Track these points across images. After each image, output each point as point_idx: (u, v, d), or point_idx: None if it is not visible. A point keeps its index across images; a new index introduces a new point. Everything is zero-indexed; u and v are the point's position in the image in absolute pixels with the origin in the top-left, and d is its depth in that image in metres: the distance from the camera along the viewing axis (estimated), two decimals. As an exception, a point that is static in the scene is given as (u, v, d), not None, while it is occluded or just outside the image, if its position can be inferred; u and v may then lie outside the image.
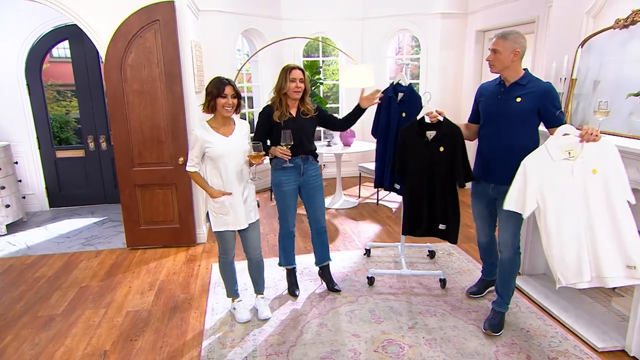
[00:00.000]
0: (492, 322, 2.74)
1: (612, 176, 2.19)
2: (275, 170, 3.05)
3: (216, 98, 2.56)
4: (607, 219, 2.19)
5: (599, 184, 2.19)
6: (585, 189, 2.21)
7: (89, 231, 4.76)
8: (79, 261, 3.97)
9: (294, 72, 2.89)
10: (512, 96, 2.56)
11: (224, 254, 2.85)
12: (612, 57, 2.84)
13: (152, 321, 2.96)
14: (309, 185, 3.09)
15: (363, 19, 6.36)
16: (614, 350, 2.54)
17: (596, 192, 2.20)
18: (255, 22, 5.85)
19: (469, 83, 5.86)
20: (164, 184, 4.05)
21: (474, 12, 5.65)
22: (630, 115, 2.67)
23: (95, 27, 3.75)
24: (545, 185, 2.27)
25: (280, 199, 3.08)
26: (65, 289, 3.46)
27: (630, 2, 2.72)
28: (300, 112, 3.00)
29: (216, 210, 2.70)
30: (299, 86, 2.89)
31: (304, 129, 3.00)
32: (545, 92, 2.50)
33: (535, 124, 2.57)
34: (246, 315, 2.92)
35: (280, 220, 3.16)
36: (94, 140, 5.50)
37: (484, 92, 2.77)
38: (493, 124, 2.66)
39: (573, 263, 2.22)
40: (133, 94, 3.84)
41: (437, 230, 2.94)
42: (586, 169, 2.21)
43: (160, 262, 3.88)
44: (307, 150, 3.04)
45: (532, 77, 2.59)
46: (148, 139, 3.94)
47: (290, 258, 3.25)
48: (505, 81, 2.62)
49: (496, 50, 2.54)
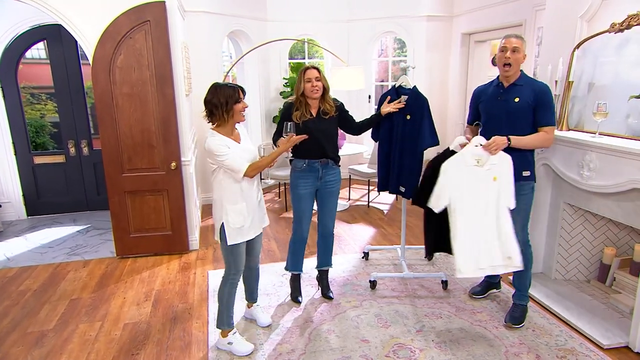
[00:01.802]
0: (513, 315, 2.82)
1: (505, 185, 2.59)
2: (293, 172, 3.00)
3: (234, 105, 2.42)
4: (495, 218, 2.60)
5: (496, 189, 2.60)
6: (486, 192, 2.60)
7: (73, 240, 4.56)
8: (65, 272, 3.79)
9: (308, 72, 2.86)
10: (511, 97, 2.66)
11: (236, 272, 2.59)
12: (607, 60, 2.91)
13: (152, 333, 2.85)
14: (325, 190, 3.05)
15: (348, 20, 6.36)
16: (619, 346, 2.60)
17: (492, 196, 2.61)
18: (241, 24, 5.76)
19: (455, 84, 5.94)
20: (155, 190, 3.92)
21: (459, 15, 5.73)
22: (628, 117, 2.74)
23: (82, 27, 3.60)
24: (457, 186, 2.63)
25: (296, 202, 3.02)
26: (55, 302, 3.29)
27: (623, 6, 2.80)
28: (321, 111, 2.93)
29: (235, 220, 2.49)
30: (315, 85, 2.83)
31: (324, 130, 2.93)
32: (540, 92, 2.61)
33: (532, 122, 2.66)
34: (249, 347, 2.63)
35: (294, 224, 3.09)
36: (75, 145, 5.28)
37: (483, 95, 2.84)
38: (494, 125, 2.72)
39: (472, 254, 2.58)
40: (122, 97, 3.70)
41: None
42: (489, 176, 2.59)
43: (154, 271, 3.75)
44: (327, 153, 2.96)
45: (527, 78, 2.69)
46: (138, 144, 3.80)
47: (299, 264, 3.19)
48: (504, 82, 2.70)
49: (517, 48, 2.59)
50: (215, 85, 2.46)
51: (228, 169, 2.45)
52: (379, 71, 7.91)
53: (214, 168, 2.53)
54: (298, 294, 3.21)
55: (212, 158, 2.46)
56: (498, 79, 2.76)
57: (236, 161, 2.44)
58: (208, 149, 2.43)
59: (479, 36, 5.54)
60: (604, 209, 2.84)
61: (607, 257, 3.17)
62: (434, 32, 5.90)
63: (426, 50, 5.92)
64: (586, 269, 3.32)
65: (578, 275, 3.33)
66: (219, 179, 2.52)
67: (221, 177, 2.51)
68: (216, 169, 2.51)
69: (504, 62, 2.62)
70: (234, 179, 2.48)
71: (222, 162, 2.43)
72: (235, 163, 2.44)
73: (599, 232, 3.22)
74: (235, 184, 2.49)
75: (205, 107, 2.47)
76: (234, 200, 2.51)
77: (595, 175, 2.74)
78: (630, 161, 2.51)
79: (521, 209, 2.71)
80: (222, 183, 2.51)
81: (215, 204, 2.56)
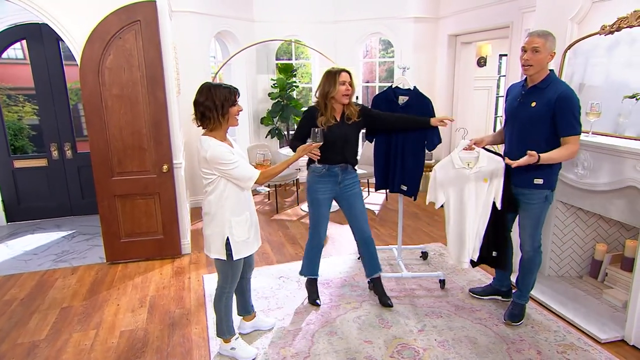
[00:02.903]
0: (512, 312, 2.85)
1: (496, 185, 2.74)
2: (312, 177, 2.95)
3: (230, 108, 2.27)
4: (480, 216, 2.80)
5: (486, 191, 2.77)
6: (476, 193, 2.77)
7: (58, 246, 4.42)
8: (53, 280, 3.66)
9: (343, 74, 2.77)
10: (529, 100, 2.53)
11: (233, 284, 2.49)
12: (598, 61, 2.99)
13: (150, 340, 2.78)
14: (347, 194, 2.98)
15: (335, 22, 6.36)
16: (615, 340, 2.67)
17: (482, 196, 2.78)
18: (229, 24, 5.69)
19: (442, 85, 6.01)
20: (147, 194, 3.83)
21: (445, 16, 5.80)
22: (619, 116, 2.82)
23: (70, 27, 3.49)
24: (449, 185, 2.84)
25: (315, 207, 2.97)
26: (44, 311, 3.17)
27: (612, 9, 2.88)
28: (345, 116, 2.87)
29: (241, 232, 2.37)
30: (349, 89, 2.77)
31: (348, 136, 2.88)
32: (559, 98, 2.40)
33: (550, 128, 2.48)
34: (253, 351, 2.58)
35: (311, 229, 3.04)
36: (58, 148, 5.12)
37: (509, 93, 2.77)
38: (511, 127, 2.68)
39: (461, 246, 2.86)
40: (112, 98, 3.61)
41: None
42: (479, 178, 2.76)
43: (146, 276, 3.66)
44: (348, 159, 2.93)
45: (553, 80, 2.50)
46: (129, 147, 3.71)
47: (315, 269, 3.14)
48: (528, 82, 2.56)
49: (537, 49, 2.41)
50: (208, 86, 2.25)
51: (235, 177, 2.28)
52: (364, 72, 7.95)
53: (211, 180, 2.30)
54: (316, 296, 3.14)
55: (216, 168, 2.25)
56: (526, 79, 2.60)
57: (246, 169, 2.31)
58: (213, 157, 2.21)
59: (466, 38, 5.63)
60: (597, 207, 2.91)
61: (598, 253, 3.25)
62: (421, 34, 5.96)
63: (413, 51, 5.97)
64: (578, 265, 3.39)
65: (571, 272, 3.40)
66: (219, 190, 2.31)
67: (222, 188, 2.31)
68: (214, 180, 2.29)
69: (523, 63, 2.48)
70: (240, 188, 2.35)
71: (231, 170, 2.25)
72: (247, 171, 2.30)
73: (590, 229, 3.30)
74: (240, 194, 2.36)
75: (196, 110, 2.25)
76: (238, 211, 2.36)
77: (590, 173, 2.81)
78: (624, 159, 2.58)
79: (529, 217, 2.66)
80: (223, 194, 2.31)
81: (214, 219, 2.34)
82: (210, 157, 2.24)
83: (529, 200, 2.64)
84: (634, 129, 2.74)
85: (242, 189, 2.37)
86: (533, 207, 2.65)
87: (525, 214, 2.66)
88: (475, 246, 2.86)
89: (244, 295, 2.76)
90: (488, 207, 2.79)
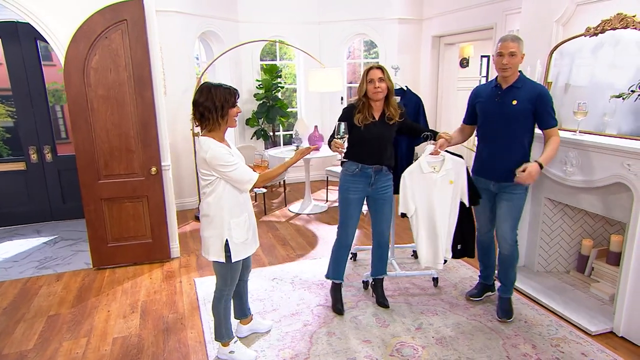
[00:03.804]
0: (504, 309, 2.92)
1: (461, 186, 2.85)
2: (344, 175, 2.90)
3: (229, 109, 2.25)
4: (447, 217, 2.86)
5: (451, 191, 2.84)
6: (443, 195, 2.83)
7: (40, 253, 4.27)
8: (37, 287, 3.54)
9: (371, 72, 2.70)
10: (509, 99, 2.65)
11: (232, 287, 2.46)
12: (584, 62, 3.08)
13: (145, 346, 2.71)
14: (378, 197, 2.92)
15: (320, 22, 6.37)
16: (605, 332, 2.75)
17: (448, 198, 2.85)
18: (213, 25, 5.63)
19: (426, 86, 6.09)
20: (135, 197, 3.75)
21: (429, 18, 5.88)
22: (604, 115, 2.91)
23: (53, 26, 3.38)
24: (417, 191, 2.86)
25: (344, 207, 2.90)
26: (30, 320, 3.06)
27: (596, 12, 2.98)
28: (385, 116, 2.79)
29: (240, 234, 2.35)
30: (378, 86, 2.68)
31: (384, 137, 2.80)
32: (539, 95, 2.60)
33: (530, 123, 2.68)
34: (252, 355, 2.55)
35: (339, 229, 2.96)
36: (37, 151, 4.96)
37: (481, 95, 2.83)
38: (492, 126, 2.75)
39: (435, 249, 2.89)
40: (98, 99, 3.51)
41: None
42: (445, 180, 2.82)
43: (136, 281, 3.58)
44: (382, 160, 2.83)
45: (526, 80, 2.69)
46: (116, 149, 3.62)
47: (341, 272, 3.04)
48: (502, 84, 2.70)
49: (514, 53, 2.55)
50: (208, 87, 2.22)
51: (234, 180, 2.26)
52: (348, 73, 7.97)
53: (210, 181, 2.28)
54: (340, 305, 3.04)
55: (215, 170, 2.23)
56: (496, 80, 2.73)
57: (246, 171, 2.28)
58: (212, 158, 2.19)
59: (449, 39, 5.72)
60: (585, 203, 3.00)
61: (585, 248, 3.35)
62: (405, 35, 6.03)
63: (398, 52, 6.03)
64: (565, 261, 3.49)
65: (558, 267, 3.49)
66: (218, 192, 2.29)
67: (221, 190, 2.29)
68: (213, 181, 2.27)
69: (501, 67, 2.60)
70: (239, 190, 2.33)
71: (230, 172, 2.23)
72: (246, 173, 2.27)
73: (576, 225, 3.40)
74: (239, 195, 2.34)
75: (196, 110, 2.23)
76: (237, 212, 2.34)
77: (578, 170, 2.89)
78: (612, 157, 2.66)
79: (512, 209, 2.75)
80: (223, 196, 2.29)
81: (213, 221, 2.32)
82: (209, 158, 2.21)
83: (513, 191, 2.72)
84: (614, 127, 2.84)
85: (234, 191, 2.34)
86: (517, 197, 2.74)
87: (508, 206, 2.73)
88: (448, 246, 2.92)
89: (241, 298, 2.72)
90: (456, 207, 2.88)
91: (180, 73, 5.17)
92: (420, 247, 2.94)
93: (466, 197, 2.88)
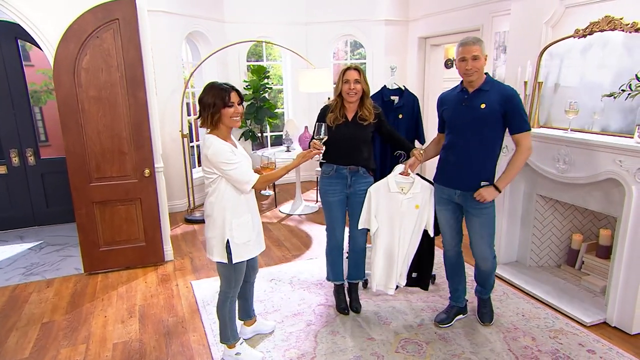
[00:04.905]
0: (484, 312, 2.88)
1: (427, 213, 2.78)
2: (322, 178, 2.89)
3: (221, 109, 2.23)
4: (407, 244, 2.79)
5: (416, 217, 2.77)
6: (406, 219, 2.75)
7: (25, 259, 4.14)
8: (27, 294, 3.43)
9: (348, 72, 2.68)
10: (477, 103, 2.51)
11: (236, 288, 2.44)
12: (573, 62, 3.19)
13: (148, 351, 2.66)
14: (355, 200, 2.85)
15: (307, 23, 6.38)
16: (598, 323, 2.85)
17: (411, 224, 2.77)
18: (200, 25, 5.56)
19: (413, 87, 6.15)
20: (127, 199, 3.67)
21: (416, 19, 5.97)
22: (593, 114, 3.02)
23: (42, 26, 3.29)
24: (381, 209, 2.78)
25: (326, 210, 2.89)
26: (23, 328, 2.97)
27: (585, 14, 3.08)
28: (357, 116, 2.78)
29: (242, 235, 2.33)
30: (353, 87, 2.66)
31: (356, 137, 2.76)
32: (508, 97, 2.46)
33: (500, 128, 2.53)
34: (258, 356, 2.54)
35: (327, 231, 2.95)
36: (19, 155, 4.80)
37: (446, 101, 2.69)
38: (459, 132, 2.59)
39: (389, 272, 2.83)
40: (89, 100, 3.43)
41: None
42: (411, 204, 2.74)
43: (131, 286, 3.51)
44: (357, 161, 2.79)
45: (492, 82, 2.55)
46: (108, 151, 3.54)
47: (339, 273, 3.02)
48: (468, 88, 2.55)
49: (476, 56, 2.43)
50: (210, 85, 2.27)
51: (234, 179, 2.26)
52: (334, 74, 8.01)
53: (212, 179, 2.29)
54: (344, 305, 3.02)
55: (217, 167, 2.24)
56: (462, 84, 2.60)
57: (246, 172, 2.28)
58: (214, 156, 2.20)
59: (435, 40, 5.81)
60: (577, 199, 3.11)
61: (575, 242, 3.46)
62: (392, 36, 6.09)
63: (385, 53, 6.09)
64: (556, 255, 3.60)
65: (550, 262, 3.60)
66: (219, 191, 2.29)
67: (223, 189, 2.29)
68: (215, 179, 2.28)
69: (465, 72, 2.47)
70: (239, 190, 2.32)
71: (230, 171, 2.23)
72: (246, 174, 2.27)
73: (566, 220, 3.51)
74: (241, 195, 2.33)
75: (199, 107, 2.30)
76: (239, 213, 2.33)
77: (571, 167, 2.99)
78: (604, 154, 2.76)
79: (485, 226, 2.60)
80: (224, 195, 2.29)
81: (215, 221, 2.32)
82: (211, 155, 2.22)
83: (481, 206, 2.56)
84: (601, 125, 2.94)
85: (241, 192, 2.33)
86: (487, 212, 2.59)
87: (481, 224, 2.59)
88: (402, 272, 2.83)
89: (247, 300, 2.71)
90: (419, 234, 2.79)
91: (168, 73, 5.10)
92: (375, 268, 2.84)
93: (431, 227, 2.78)
